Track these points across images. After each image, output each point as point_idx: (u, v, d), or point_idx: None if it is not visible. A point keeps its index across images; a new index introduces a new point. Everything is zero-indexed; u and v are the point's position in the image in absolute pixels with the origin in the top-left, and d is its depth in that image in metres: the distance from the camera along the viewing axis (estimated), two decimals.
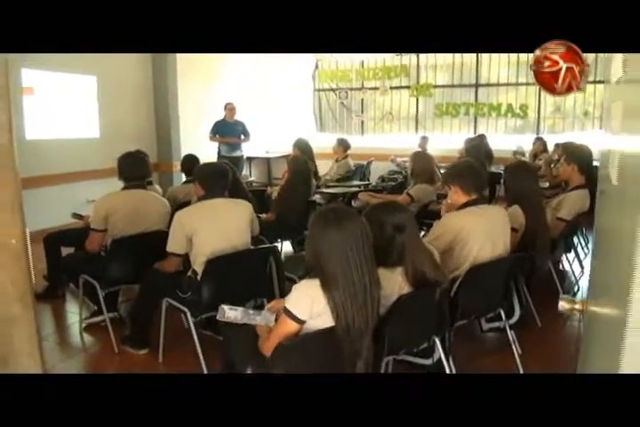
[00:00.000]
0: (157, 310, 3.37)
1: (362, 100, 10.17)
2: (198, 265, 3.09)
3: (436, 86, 9.52)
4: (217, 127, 8.15)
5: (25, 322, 1.17)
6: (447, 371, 2.80)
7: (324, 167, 7.16)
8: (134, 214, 3.62)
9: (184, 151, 7.12)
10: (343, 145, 7.35)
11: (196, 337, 3.07)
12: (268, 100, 9.99)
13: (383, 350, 2.37)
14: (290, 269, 3.63)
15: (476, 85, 9.26)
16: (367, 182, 7.24)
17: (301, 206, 4.87)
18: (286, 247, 5.25)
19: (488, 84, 9.23)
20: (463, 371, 2.93)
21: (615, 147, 1.31)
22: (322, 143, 8.27)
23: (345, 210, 2.18)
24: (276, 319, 2.27)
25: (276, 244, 4.50)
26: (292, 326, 2.07)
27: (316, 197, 5.71)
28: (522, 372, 3.16)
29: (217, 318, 2.30)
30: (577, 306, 1.44)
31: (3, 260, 1.10)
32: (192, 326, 3.11)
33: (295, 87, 10.24)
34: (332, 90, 10.27)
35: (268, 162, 9.95)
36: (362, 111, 10.21)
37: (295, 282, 3.50)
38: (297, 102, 10.31)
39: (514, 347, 3.22)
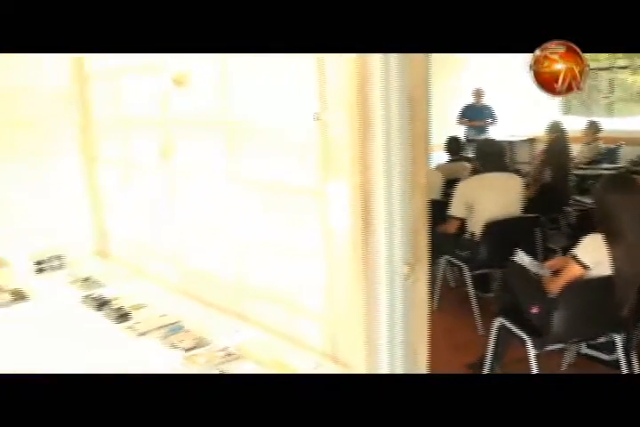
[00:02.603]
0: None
1: (609, 80, 9.80)
2: (477, 228, 3.66)
3: None
4: (464, 111, 8.52)
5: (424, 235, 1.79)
6: None
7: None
8: None
9: (435, 135, 7.58)
10: (594, 128, 7.34)
11: (470, 286, 3.69)
12: (512, 83, 10.09)
13: None
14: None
15: None
16: (619, 166, 7.06)
17: (558, 185, 5.17)
18: None
19: None
20: None
21: None
22: (567, 126, 8.23)
23: (630, 177, 2.60)
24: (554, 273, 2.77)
25: None
26: (579, 271, 2.54)
27: None
28: None
29: (515, 259, 2.85)
30: None
31: (414, 193, 1.69)
32: (468, 279, 3.72)
33: None
34: None
35: (511, 145, 10.09)
36: (611, 92, 9.86)
37: (555, 251, 3.96)
38: None
39: None
